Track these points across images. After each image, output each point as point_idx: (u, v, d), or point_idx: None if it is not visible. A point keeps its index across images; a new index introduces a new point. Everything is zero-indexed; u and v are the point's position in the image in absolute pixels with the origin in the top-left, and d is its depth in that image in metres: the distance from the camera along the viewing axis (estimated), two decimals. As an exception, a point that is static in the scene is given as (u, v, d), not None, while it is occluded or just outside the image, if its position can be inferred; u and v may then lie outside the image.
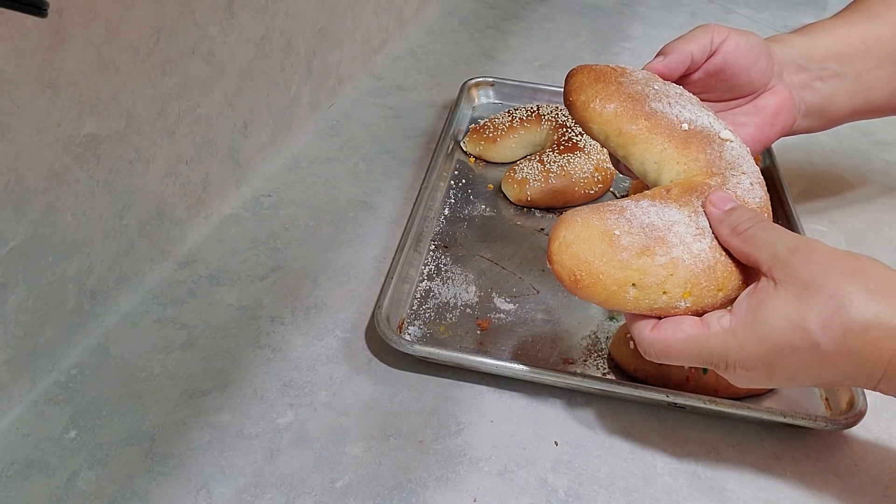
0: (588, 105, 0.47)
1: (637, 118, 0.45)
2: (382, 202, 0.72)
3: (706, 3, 1.20)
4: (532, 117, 0.77)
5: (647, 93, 0.47)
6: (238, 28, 0.64)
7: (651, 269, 0.41)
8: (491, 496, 0.46)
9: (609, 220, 0.42)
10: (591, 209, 0.43)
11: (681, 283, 0.41)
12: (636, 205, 0.43)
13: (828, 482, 0.48)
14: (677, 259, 0.41)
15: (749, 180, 0.44)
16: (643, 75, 0.49)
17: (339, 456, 0.48)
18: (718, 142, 0.45)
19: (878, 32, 0.59)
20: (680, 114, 0.46)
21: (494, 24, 1.11)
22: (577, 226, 0.42)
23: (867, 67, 0.59)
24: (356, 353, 0.56)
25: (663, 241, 0.41)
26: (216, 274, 0.62)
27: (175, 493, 0.46)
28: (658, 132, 0.45)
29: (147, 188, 0.58)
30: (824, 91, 0.58)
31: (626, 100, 0.46)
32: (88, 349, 0.54)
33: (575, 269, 0.41)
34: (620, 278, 0.41)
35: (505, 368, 0.52)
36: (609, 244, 0.41)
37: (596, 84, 0.47)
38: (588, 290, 0.41)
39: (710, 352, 0.40)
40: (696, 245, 0.41)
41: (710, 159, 0.44)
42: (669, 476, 0.48)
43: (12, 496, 0.45)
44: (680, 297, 0.41)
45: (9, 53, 0.43)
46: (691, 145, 0.45)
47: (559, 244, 0.42)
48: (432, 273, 0.63)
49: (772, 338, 0.39)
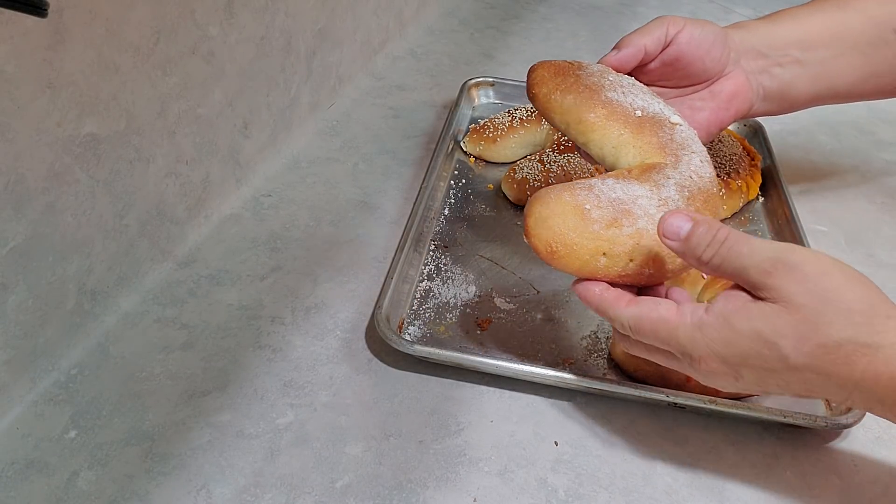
0: (549, 97, 0.51)
1: (594, 107, 0.49)
2: (382, 202, 0.72)
3: (706, 3, 1.20)
4: (532, 117, 0.77)
5: (603, 83, 0.50)
6: (238, 28, 0.64)
7: (619, 239, 0.44)
8: (491, 496, 0.46)
9: (580, 196, 0.45)
10: (562, 187, 0.46)
11: (645, 252, 0.45)
12: (602, 182, 0.46)
13: (828, 482, 0.48)
14: (642, 229, 0.44)
15: (699, 158, 0.48)
16: (598, 68, 0.53)
17: (339, 456, 0.48)
18: (669, 125, 0.49)
19: (846, 21, 0.60)
20: (633, 102, 0.49)
21: (494, 24, 1.11)
22: (552, 202, 0.45)
23: (831, 55, 0.60)
24: (356, 353, 0.56)
25: (629, 213, 0.44)
26: (216, 274, 0.62)
27: (175, 493, 0.46)
28: (614, 119, 0.49)
29: (147, 188, 0.58)
30: (784, 76, 0.60)
31: (584, 91, 0.50)
32: (88, 349, 0.54)
33: (551, 241, 0.44)
34: (592, 248, 0.44)
35: (505, 368, 0.52)
36: (581, 217, 0.44)
37: (556, 77, 0.51)
38: (563, 261, 0.45)
39: (676, 339, 0.41)
40: (657, 216, 0.44)
41: (662, 141, 0.48)
42: (669, 476, 0.48)
43: (12, 496, 0.45)
44: (643, 264, 0.45)
45: (9, 53, 0.43)
46: (645, 130, 0.48)
47: (535, 219, 0.45)
48: (432, 273, 0.63)
49: (739, 345, 0.39)
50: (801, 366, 0.38)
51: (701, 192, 0.47)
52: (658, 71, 0.58)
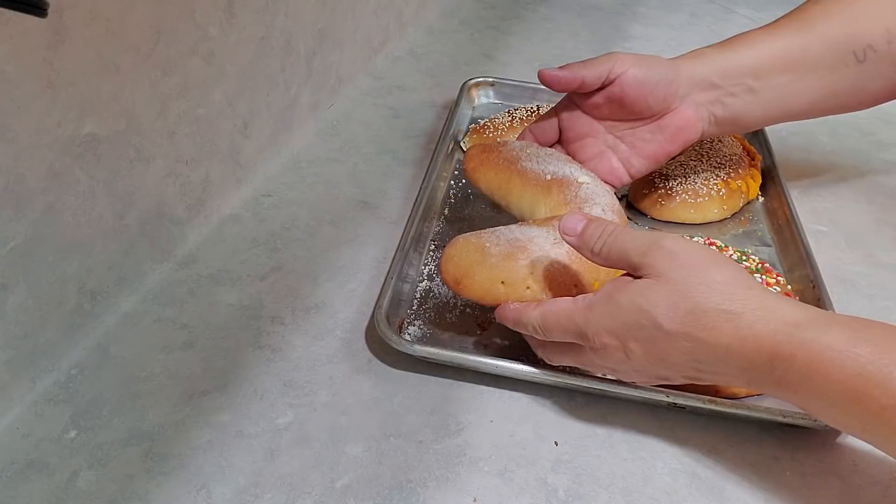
0: (477, 170, 0.61)
1: (511, 176, 0.59)
2: (382, 202, 0.72)
3: (706, 3, 1.21)
4: (532, 117, 0.77)
5: (521, 156, 0.60)
6: (238, 28, 0.65)
7: (515, 269, 0.51)
8: (491, 496, 0.46)
9: (483, 237, 0.53)
10: (471, 233, 0.54)
11: (540, 279, 0.51)
12: (507, 228, 0.54)
13: (828, 482, 0.48)
14: (536, 261, 0.51)
15: (600, 208, 0.55)
16: (520, 144, 0.63)
17: (339, 456, 0.48)
18: (576, 184, 0.57)
19: (804, 45, 0.60)
20: (545, 168, 0.58)
21: (494, 24, 1.11)
22: (459, 243, 0.53)
23: (787, 80, 0.61)
24: (356, 353, 0.56)
25: (524, 248, 0.51)
26: (216, 274, 0.62)
27: (175, 493, 0.46)
28: (526, 184, 0.58)
29: (147, 188, 0.58)
30: (735, 106, 0.61)
31: (503, 163, 0.60)
32: (88, 349, 0.54)
33: (456, 274, 0.52)
34: (491, 276, 0.51)
35: (505, 368, 0.52)
36: (481, 253, 0.52)
37: (482, 154, 0.62)
38: (468, 290, 0.52)
39: (574, 323, 0.46)
40: (553, 251, 0.51)
41: (567, 198, 0.56)
42: (669, 476, 0.48)
43: (12, 496, 0.45)
44: (540, 290, 0.51)
45: (9, 53, 0.43)
46: (553, 190, 0.57)
47: (445, 258, 0.53)
48: (432, 273, 0.63)
49: (622, 316, 0.44)
50: (675, 332, 0.42)
51: None
52: (606, 106, 0.62)
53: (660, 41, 1.08)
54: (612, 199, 0.58)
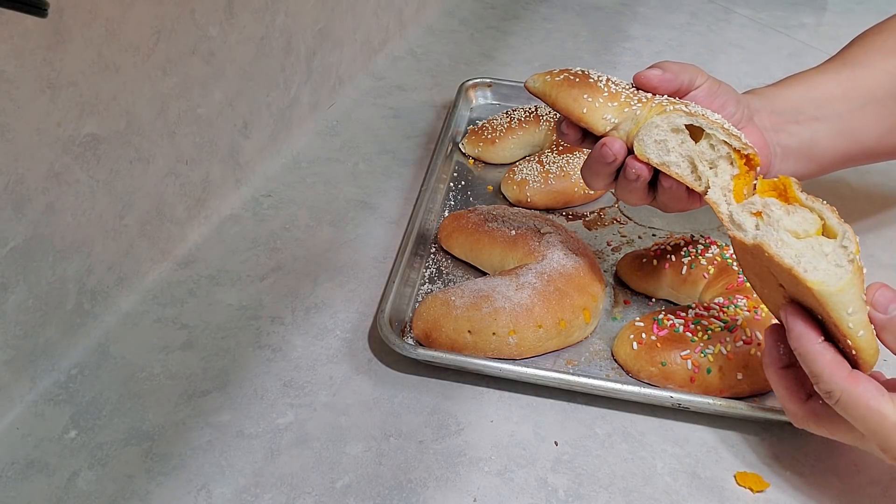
0: (451, 236, 0.64)
1: (480, 239, 0.62)
2: (382, 202, 0.72)
3: (706, 3, 1.20)
4: (530, 118, 0.77)
5: (488, 218, 0.64)
6: (238, 28, 0.65)
7: (479, 317, 0.54)
8: (491, 496, 0.46)
9: (448, 293, 0.56)
10: (440, 290, 0.58)
11: (504, 325, 0.54)
12: (472, 281, 0.58)
13: (828, 482, 0.48)
14: (499, 308, 0.54)
15: (562, 253, 0.58)
16: (486, 208, 0.66)
17: (339, 456, 0.48)
18: (539, 236, 0.61)
19: (857, 78, 0.59)
20: (510, 226, 0.62)
21: (494, 24, 1.11)
22: (427, 300, 0.57)
23: (848, 109, 0.59)
24: (356, 353, 0.56)
25: (488, 297, 0.55)
26: (216, 274, 0.62)
27: (175, 493, 0.46)
28: (493, 242, 0.62)
29: (147, 188, 0.58)
30: (803, 134, 0.58)
31: (471, 228, 0.64)
32: (88, 349, 0.54)
33: (426, 328, 0.55)
34: (457, 327, 0.54)
35: (509, 371, 0.52)
36: (447, 306, 0.55)
37: (453, 222, 0.65)
38: (437, 341, 0.55)
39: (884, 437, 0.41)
40: (515, 296, 0.54)
41: (531, 249, 0.60)
42: (669, 476, 0.48)
43: (12, 496, 0.45)
44: (506, 335, 0.54)
45: (9, 53, 0.43)
46: (518, 244, 0.61)
47: (416, 316, 0.56)
48: (434, 276, 0.63)
49: None
50: None
51: (561, 275, 0.56)
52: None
53: (660, 41, 1.08)
54: (579, 245, 0.61)
